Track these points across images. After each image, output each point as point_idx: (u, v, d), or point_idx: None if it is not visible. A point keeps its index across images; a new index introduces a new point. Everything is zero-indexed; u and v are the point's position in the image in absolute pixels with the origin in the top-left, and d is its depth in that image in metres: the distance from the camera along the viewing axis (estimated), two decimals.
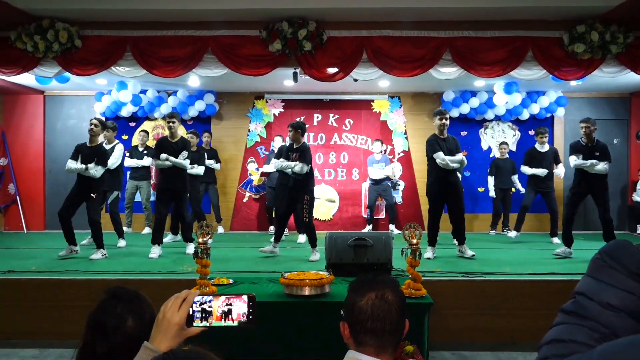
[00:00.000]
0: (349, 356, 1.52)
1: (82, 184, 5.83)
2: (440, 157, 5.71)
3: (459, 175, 6.42)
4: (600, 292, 0.80)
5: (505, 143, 8.55)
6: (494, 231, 8.40)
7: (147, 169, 8.13)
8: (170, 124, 6.06)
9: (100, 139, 6.38)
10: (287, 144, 6.34)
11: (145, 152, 8.01)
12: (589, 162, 5.79)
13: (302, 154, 5.86)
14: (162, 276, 4.67)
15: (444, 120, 5.87)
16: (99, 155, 5.89)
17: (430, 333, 3.66)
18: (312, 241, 5.87)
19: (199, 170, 7.19)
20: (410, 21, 5.97)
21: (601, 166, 5.78)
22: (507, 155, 8.44)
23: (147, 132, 8.34)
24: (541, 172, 7.09)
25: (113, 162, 6.67)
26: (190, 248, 5.99)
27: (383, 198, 8.48)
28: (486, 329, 4.37)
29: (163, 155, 5.90)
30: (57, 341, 4.33)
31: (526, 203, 7.38)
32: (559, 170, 7.39)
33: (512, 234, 7.70)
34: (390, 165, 8.44)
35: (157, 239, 5.98)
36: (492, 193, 8.31)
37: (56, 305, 4.44)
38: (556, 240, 7.01)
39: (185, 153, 6.04)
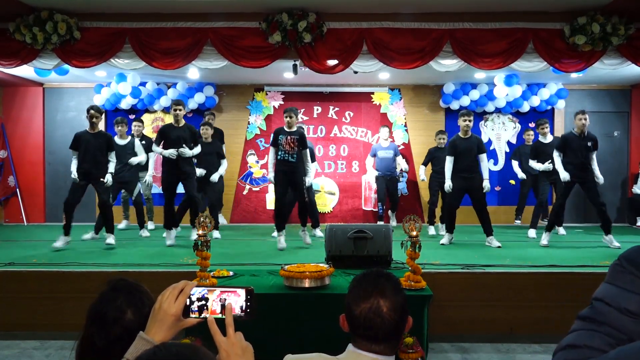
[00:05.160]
0: (349, 350, 1.53)
1: (90, 171, 5.87)
2: (447, 163, 6.28)
3: (483, 173, 6.13)
4: (619, 298, 0.78)
5: (443, 132, 7.69)
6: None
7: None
8: (177, 111, 6.10)
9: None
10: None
11: (143, 142, 7.58)
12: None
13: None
14: (162, 268, 4.68)
15: (467, 122, 6.13)
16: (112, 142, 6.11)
17: (430, 325, 3.67)
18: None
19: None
20: (410, 13, 5.94)
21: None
22: (444, 146, 7.41)
23: (141, 121, 7.94)
24: (546, 167, 6.83)
25: (143, 158, 7.05)
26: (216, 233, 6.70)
27: (389, 194, 7.98)
28: (485, 321, 4.38)
29: (171, 151, 5.99)
30: (58, 333, 4.35)
31: (543, 198, 7.14)
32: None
33: (532, 233, 7.11)
34: (400, 156, 8.02)
35: (171, 223, 6.17)
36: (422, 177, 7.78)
37: (57, 297, 4.45)
38: (532, 233, 7.05)
39: (198, 148, 6.24)
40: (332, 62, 6.06)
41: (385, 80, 8.67)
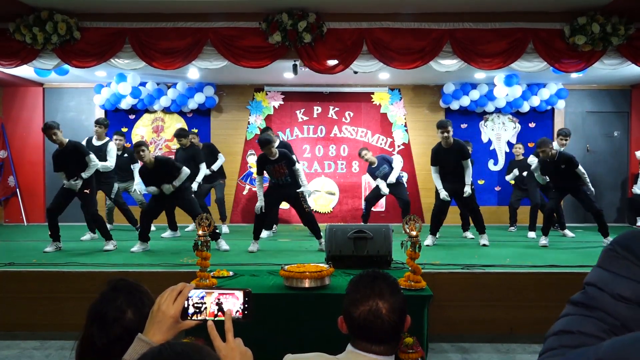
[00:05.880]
0: (348, 350, 1.54)
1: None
2: (433, 173, 6.29)
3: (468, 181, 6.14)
4: (612, 283, 0.77)
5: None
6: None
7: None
8: (141, 152, 5.60)
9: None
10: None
11: (125, 155, 7.33)
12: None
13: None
14: (162, 268, 4.68)
15: (445, 134, 6.03)
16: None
17: (430, 325, 3.67)
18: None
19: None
20: (410, 13, 5.94)
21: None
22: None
23: (123, 135, 7.50)
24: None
25: (108, 164, 6.65)
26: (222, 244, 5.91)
27: (397, 198, 7.68)
28: (485, 321, 4.39)
29: (152, 189, 5.72)
30: (58, 333, 4.36)
31: (535, 201, 7.21)
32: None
33: (532, 234, 7.13)
34: (396, 161, 7.62)
35: (145, 235, 5.84)
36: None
37: (57, 297, 4.46)
38: (532, 234, 7.12)
39: (185, 171, 5.79)
40: (332, 62, 6.05)
41: (385, 80, 8.67)
